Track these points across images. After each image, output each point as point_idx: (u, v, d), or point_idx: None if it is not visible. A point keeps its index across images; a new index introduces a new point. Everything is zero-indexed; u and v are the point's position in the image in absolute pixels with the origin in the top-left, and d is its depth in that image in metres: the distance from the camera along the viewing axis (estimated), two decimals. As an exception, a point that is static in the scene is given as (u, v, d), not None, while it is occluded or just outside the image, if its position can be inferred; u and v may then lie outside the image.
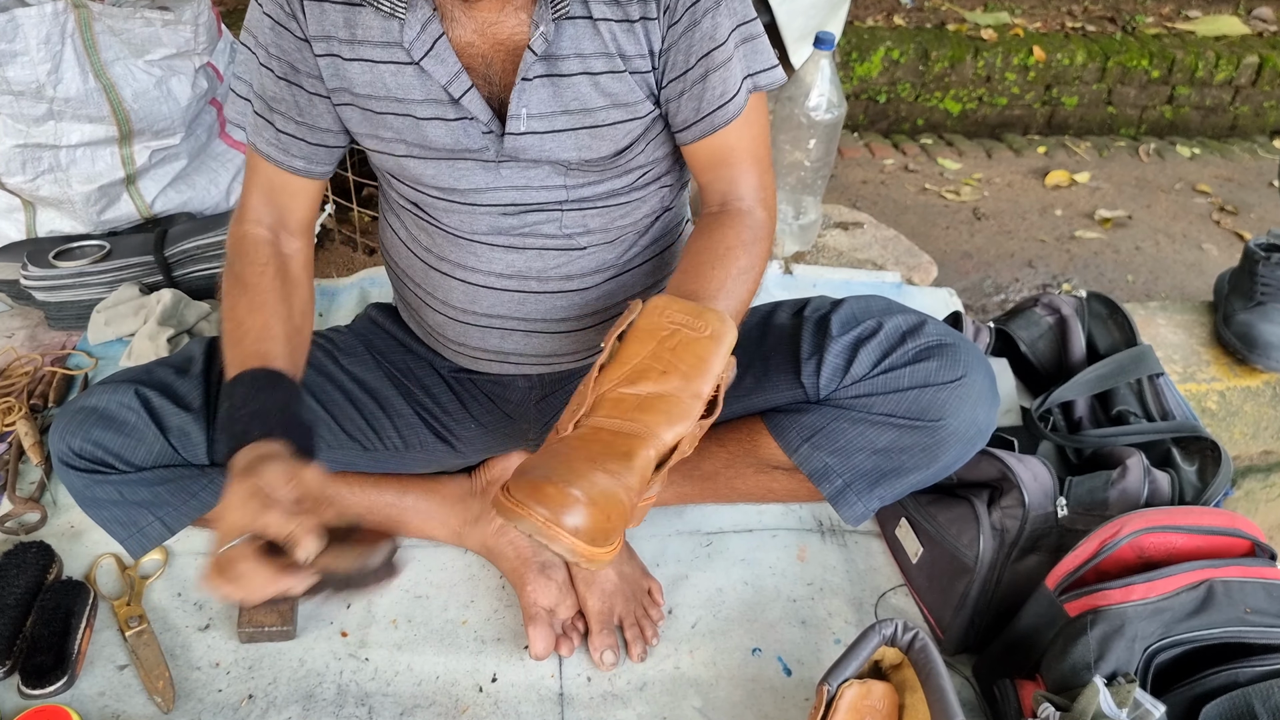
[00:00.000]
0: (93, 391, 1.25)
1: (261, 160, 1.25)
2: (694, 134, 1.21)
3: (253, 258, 1.22)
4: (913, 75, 3.63)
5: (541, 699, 1.32)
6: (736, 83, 1.19)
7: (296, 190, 1.27)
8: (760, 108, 1.24)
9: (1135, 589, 1.17)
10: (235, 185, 2.03)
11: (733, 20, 1.17)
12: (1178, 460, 1.39)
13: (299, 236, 1.28)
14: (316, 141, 1.24)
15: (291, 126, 1.22)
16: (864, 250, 2.18)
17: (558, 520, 0.89)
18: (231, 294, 1.20)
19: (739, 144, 1.22)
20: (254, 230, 1.25)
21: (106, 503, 1.25)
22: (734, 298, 1.15)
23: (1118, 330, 1.59)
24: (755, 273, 1.19)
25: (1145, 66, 3.74)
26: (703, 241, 1.19)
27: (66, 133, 1.77)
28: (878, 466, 1.25)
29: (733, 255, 1.17)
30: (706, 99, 1.18)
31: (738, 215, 1.22)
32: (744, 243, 1.19)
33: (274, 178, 1.26)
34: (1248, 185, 3.48)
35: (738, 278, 1.16)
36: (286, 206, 1.27)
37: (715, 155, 1.23)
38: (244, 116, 1.25)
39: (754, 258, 1.19)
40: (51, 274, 1.77)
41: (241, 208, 1.27)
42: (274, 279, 1.22)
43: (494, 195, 1.22)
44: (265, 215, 1.26)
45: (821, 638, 1.42)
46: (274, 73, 1.19)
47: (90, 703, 1.28)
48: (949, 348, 1.21)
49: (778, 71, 1.23)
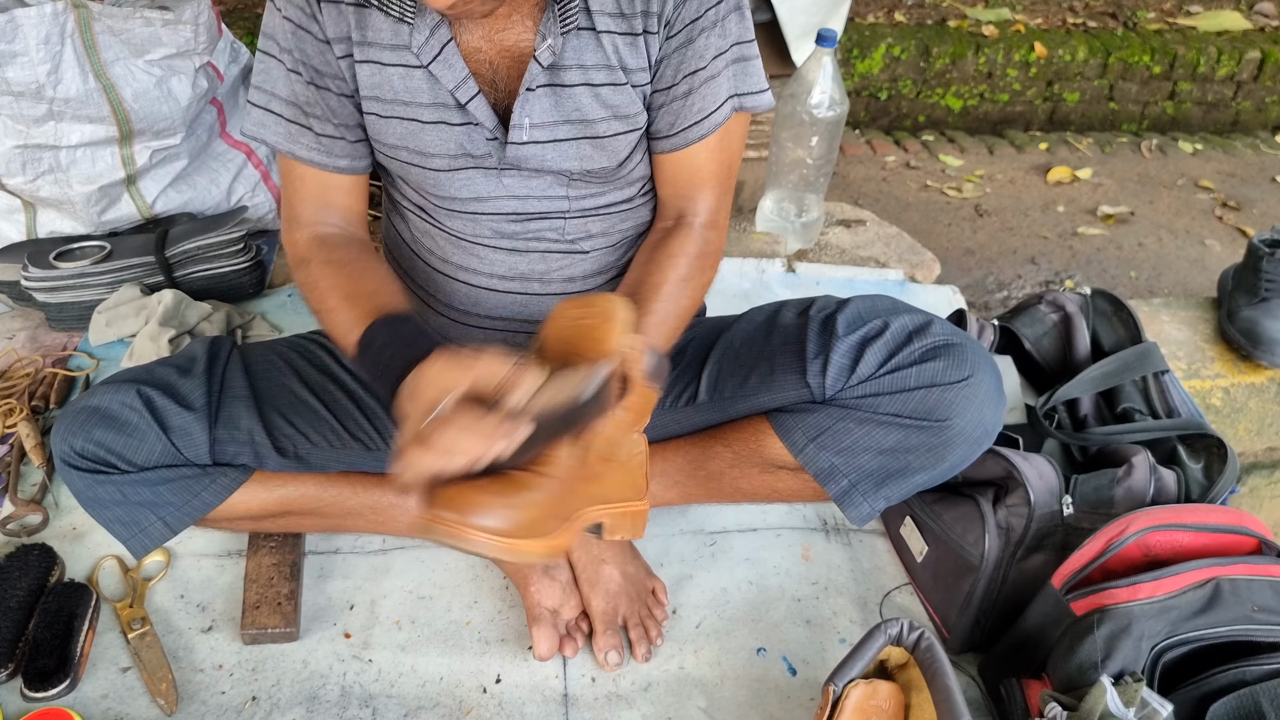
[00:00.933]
0: (94, 391, 1.25)
1: (304, 168, 1.23)
2: (665, 146, 1.23)
3: (335, 244, 1.22)
4: (914, 72, 3.63)
5: (546, 700, 1.32)
6: (717, 101, 1.20)
7: (348, 187, 1.26)
8: (739, 130, 1.25)
9: (1142, 587, 1.17)
10: (236, 185, 2.02)
11: (727, 40, 1.18)
12: (1183, 458, 1.39)
13: (360, 228, 1.28)
14: (356, 139, 1.23)
15: (330, 129, 1.21)
16: (867, 248, 2.17)
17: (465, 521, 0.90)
18: (325, 277, 1.18)
19: (706, 164, 1.24)
20: (319, 230, 1.24)
21: (109, 503, 1.25)
22: (671, 301, 1.18)
23: (1122, 327, 1.58)
24: (696, 283, 1.22)
25: (1147, 62, 3.73)
26: (649, 254, 1.22)
27: (66, 133, 1.76)
28: (884, 466, 1.25)
29: (674, 264, 1.20)
30: (683, 115, 1.19)
31: (688, 230, 1.24)
32: (688, 254, 1.22)
33: (324, 181, 1.24)
34: (1250, 181, 3.48)
35: (677, 284, 1.19)
36: (342, 205, 1.26)
37: (681, 170, 1.25)
38: (265, 128, 1.22)
39: (694, 269, 1.21)
40: (52, 275, 1.76)
41: (292, 218, 1.25)
42: (363, 253, 1.22)
43: (496, 204, 1.22)
44: (323, 218, 1.25)
45: (826, 637, 1.41)
46: (303, 77, 1.18)
47: (93, 705, 1.28)
48: (956, 347, 1.20)
49: (766, 96, 1.24)
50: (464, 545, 0.91)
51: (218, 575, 1.44)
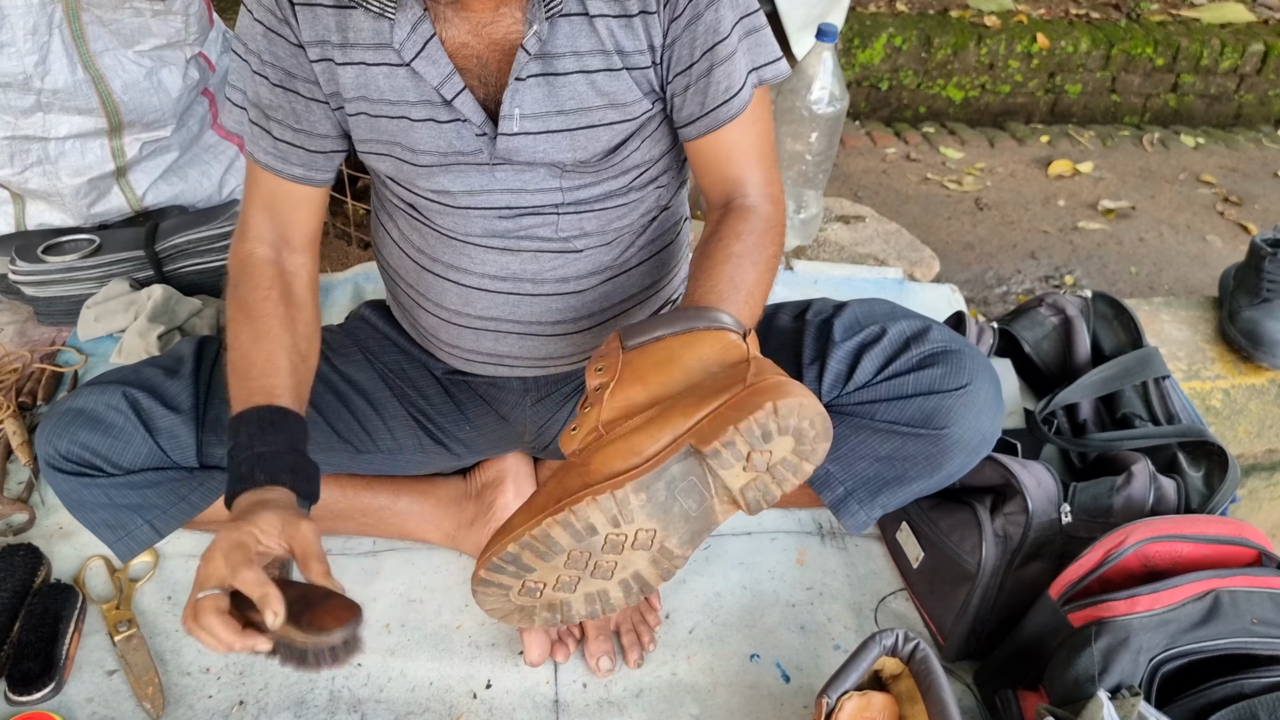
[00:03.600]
0: (79, 393, 1.23)
1: (261, 171, 1.21)
2: (698, 129, 1.18)
3: (255, 281, 1.19)
4: (915, 62, 3.60)
5: (537, 706, 1.30)
6: (741, 77, 1.16)
7: (299, 200, 1.23)
8: (764, 102, 1.21)
9: (1141, 600, 1.15)
10: (228, 178, 1.99)
11: (735, 12, 1.13)
12: (1184, 466, 1.37)
13: (302, 252, 1.24)
14: (315, 148, 1.20)
15: (289, 134, 1.19)
16: (866, 244, 2.15)
17: None
18: (235, 321, 1.17)
19: (743, 140, 1.19)
20: (256, 250, 1.21)
21: (94, 506, 1.23)
22: (744, 270, 1.13)
23: (1123, 331, 1.56)
24: (761, 254, 1.16)
25: (1150, 54, 3.70)
26: (707, 239, 1.17)
27: (55, 125, 1.74)
28: (880, 474, 1.23)
29: (734, 236, 1.15)
30: (711, 94, 1.15)
31: (741, 211, 1.19)
32: (740, 232, 1.16)
33: (275, 188, 1.22)
34: (1252, 176, 3.45)
35: (741, 256, 1.14)
36: (288, 219, 1.23)
37: (719, 152, 1.20)
38: (241, 126, 1.22)
39: (750, 245, 1.16)
40: (40, 269, 1.74)
41: (242, 225, 1.23)
42: (277, 304, 1.18)
43: (488, 198, 1.19)
44: (267, 231, 1.22)
45: (821, 644, 1.40)
46: (269, 80, 1.16)
47: (79, 709, 1.26)
48: (954, 354, 1.18)
49: (782, 64, 1.20)
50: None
51: (206, 577, 1.42)
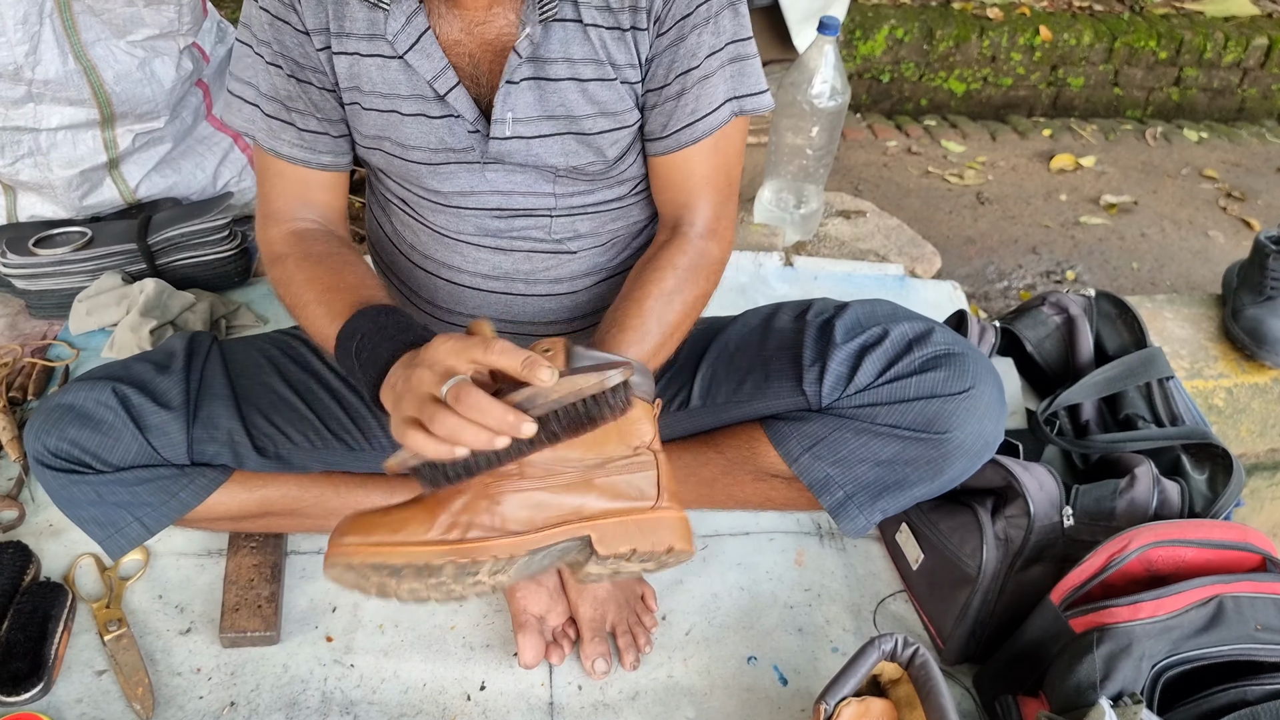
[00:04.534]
0: (69, 389, 1.22)
1: (285, 165, 1.19)
2: (659, 148, 1.18)
3: (313, 238, 1.18)
4: (917, 54, 3.57)
5: (531, 708, 1.29)
6: (712, 103, 1.14)
7: (329, 185, 1.22)
8: (737, 134, 1.20)
9: (1144, 606, 1.14)
10: (222, 170, 1.97)
11: (720, 39, 1.12)
12: (1187, 468, 1.36)
13: (341, 226, 1.24)
14: (339, 134, 1.19)
15: (313, 123, 1.17)
16: (866, 240, 2.13)
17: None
18: (304, 269, 1.13)
19: (701, 167, 1.18)
20: (297, 225, 1.19)
21: (84, 503, 1.22)
22: (653, 317, 1.11)
23: (1127, 331, 1.54)
24: (686, 296, 1.14)
25: (1153, 47, 3.68)
26: (638, 269, 1.16)
27: (46, 115, 1.72)
28: (880, 479, 1.21)
29: (659, 276, 1.13)
30: (676, 115, 1.14)
31: (681, 241, 1.18)
32: (676, 266, 1.15)
33: (305, 178, 1.20)
34: (1255, 171, 3.43)
35: (660, 299, 1.12)
36: (322, 202, 1.22)
37: (675, 174, 1.19)
38: (253, 124, 1.18)
39: (683, 282, 1.14)
40: (31, 262, 1.72)
41: (271, 216, 1.21)
42: (341, 247, 1.17)
43: (480, 199, 1.18)
44: (303, 214, 1.21)
45: (819, 646, 1.38)
46: (284, 70, 1.14)
47: (67, 710, 1.25)
48: (957, 357, 1.17)
49: (766, 97, 1.19)
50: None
51: (197, 575, 1.41)
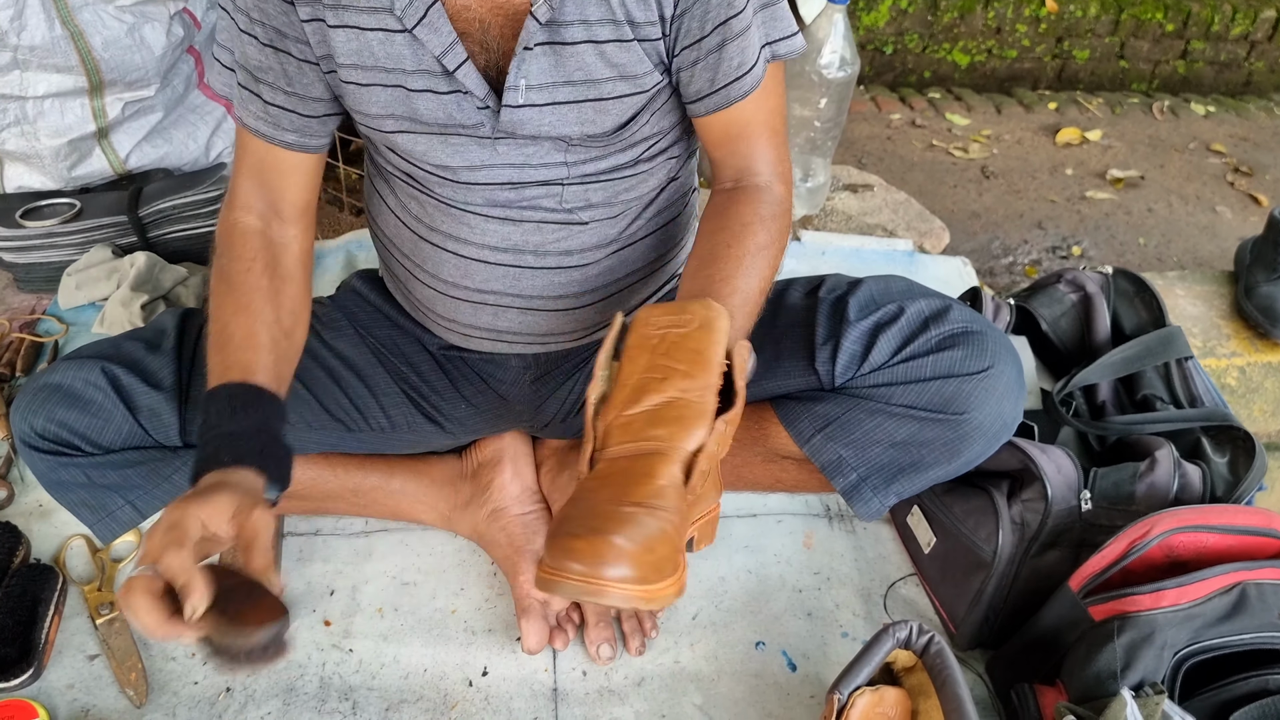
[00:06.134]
0: (56, 368, 1.17)
1: (250, 137, 1.14)
2: (708, 106, 1.12)
3: (239, 251, 1.12)
4: (921, 25, 3.51)
5: (534, 694, 1.26)
6: (755, 53, 1.10)
7: (290, 168, 1.16)
8: (778, 78, 1.15)
9: (1166, 594, 1.11)
10: (215, 140, 1.92)
11: None
12: (1208, 451, 1.32)
13: (294, 223, 1.18)
14: (309, 113, 1.13)
15: (281, 98, 1.11)
16: (874, 214, 2.08)
17: (598, 574, 0.83)
18: (217, 292, 1.11)
19: (755, 117, 1.14)
20: (243, 219, 1.14)
21: (73, 485, 1.18)
22: (754, 275, 1.08)
23: (1145, 310, 1.50)
24: (774, 249, 1.12)
25: (1160, 19, 3.62)
26: (717, 221, 1.12)
27: (33, 83, 1.67)
28: (895, 460, 1.18)
29: (749, 231, 1.10)
30: (723, 70, 1.09)
31: (754, 191, 1.14)
32: (761, 218, 1.12)
33: (265, 156, 1.15)
34: (1263, 145, 3.39)
35: (756, 254, 1.09)
36: (279, 188, 1.16)
37: (731, 129, 1.14)
38: (231, 89, 1.14)
39: (772, 234, 1.12)
40: (19, 234, 1.68)
41: (231, 193, 1.17)
42: (261, 275, 1.12)
43: (490, 173, 1.13)
44: (256, 200, 1.16)
45: (828, 631, 1.35)
46: (258, 40, 1.08)
47: (58, 696, 1.22)
48: (975, 336, 1.13)
49: (798, 39, 1.14)
50: (598, 599, 0.85)
51: (191, 557, 1.37)
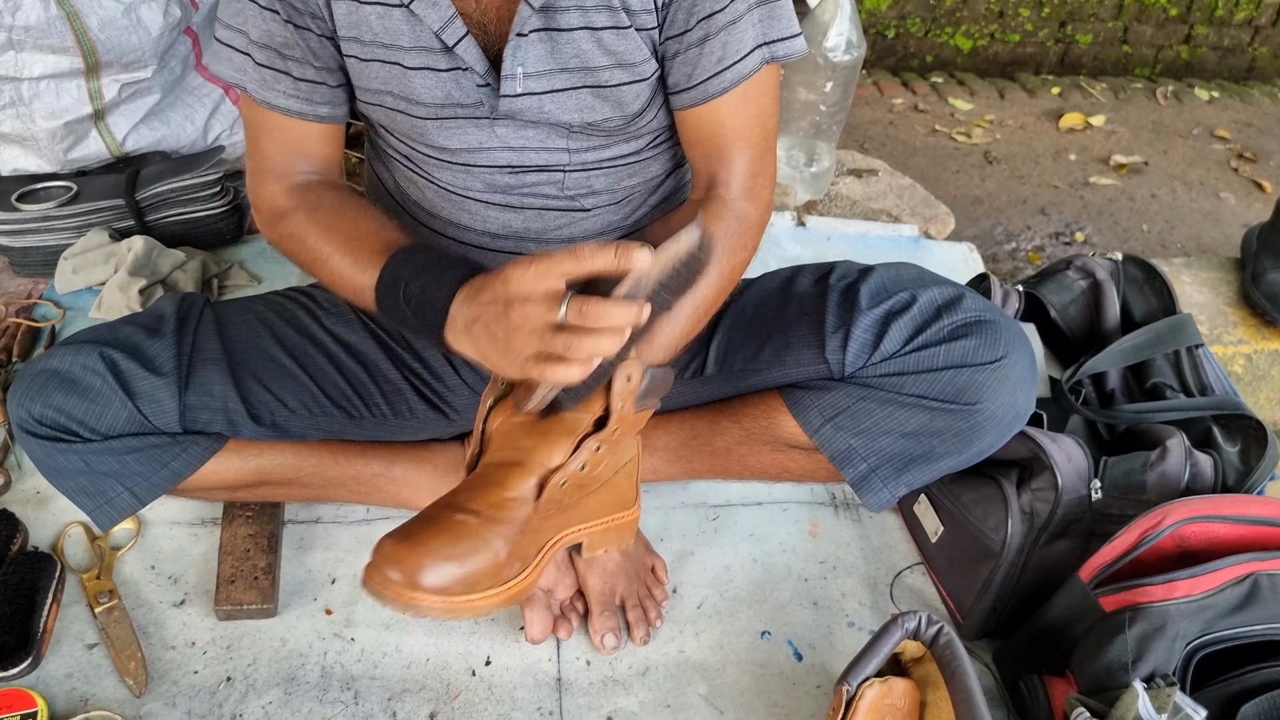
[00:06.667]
0: (54, 353, 1.16)
1: (280, 117, 1.12)
2: (684, 101, 1.10)
3: (318, 188, 1.12)
4: (923, 9, 3.49)
5: (538, 684, 1.25)
6: (740, 50, 1.07)
7: (327, 137, 1.16)
8: (770, 82, 1.12)
9: (1179, 585, 1.09)
10: (213, 122, 1.90)
11: None
12: (1219, 440, 1.31)
13: (339, 177, 1.19)
14: (337, 83, 1.12)
15: (311, 73, 1.09)
16: (879, 200, 2.07)
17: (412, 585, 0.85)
18: (316, 222, 1.09)
19: (731, 120, 1.11)
20: (297, 179, 1.14)
21: (71, 472, 1.17)
22: (686, 308, 1.06)
23: (1155, 297, 1.49)
24: (724, 267, 1.10)
25: (1163, 4, 3.60)
26: (671, 226, 1.10)
27: (28, 64, 1.64)
28: (906, 451, 1.16)
29: None
30: (702, 64, 1.07)
31: (719, 205, 1.11)
32: (715, 236, 1.08)
33: (303, 131, 1.13)
34: (1267, 131, 3.37)
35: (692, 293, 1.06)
36: (321, 154, 1.16)
37: (704, 129, 1.12)
38: (244, 73, 1.11)
39: (722, 253, 1.09)
40: (14, 218, 1.65)
41: (263, 173, 1.15)
42: (349, 194, 1.12)
43: (490, 156, 1.11)
44: (299, 167, 1.15)
45: (834, 620, 1.34)
46: (280, 16, 1.06)
47: (56, 685, 1.20)
48: (989, 325, 1.11)
49: (798, 41, 1.11)
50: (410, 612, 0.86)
51: (191, 545, 1.36)
